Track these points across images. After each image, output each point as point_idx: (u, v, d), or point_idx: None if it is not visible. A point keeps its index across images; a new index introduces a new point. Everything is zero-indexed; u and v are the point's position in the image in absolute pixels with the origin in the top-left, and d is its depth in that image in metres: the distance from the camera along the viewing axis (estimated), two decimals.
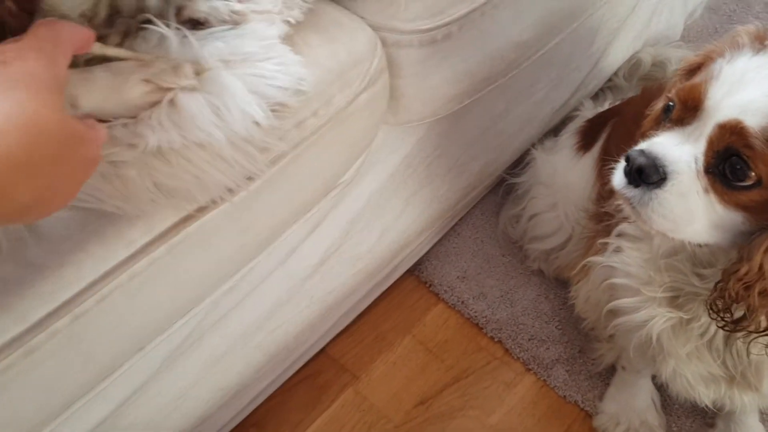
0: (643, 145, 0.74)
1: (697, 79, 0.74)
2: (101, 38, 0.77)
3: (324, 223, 1.04)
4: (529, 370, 1.26)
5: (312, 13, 0.86)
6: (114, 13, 0.76)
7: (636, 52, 1.53)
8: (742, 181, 0.69)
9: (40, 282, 0.63)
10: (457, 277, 1.39)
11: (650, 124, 0.84)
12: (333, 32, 0.86)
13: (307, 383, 1.28)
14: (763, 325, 0.73)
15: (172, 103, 0.68)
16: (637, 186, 0.73)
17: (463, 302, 1.35)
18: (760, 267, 0.69)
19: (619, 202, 0.80)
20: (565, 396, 1.22)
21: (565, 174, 1.25)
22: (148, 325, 0.76)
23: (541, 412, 1.21)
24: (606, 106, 1.35)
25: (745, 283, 0.71)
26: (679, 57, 1.45)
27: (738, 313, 0.74)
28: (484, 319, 1.33)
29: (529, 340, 1.29)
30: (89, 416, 0.79)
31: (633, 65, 1.50)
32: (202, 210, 0.72)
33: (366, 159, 1.01)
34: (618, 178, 0.77)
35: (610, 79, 1.53)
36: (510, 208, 1.42)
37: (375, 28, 0.91)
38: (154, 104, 0.69)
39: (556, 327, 1.30)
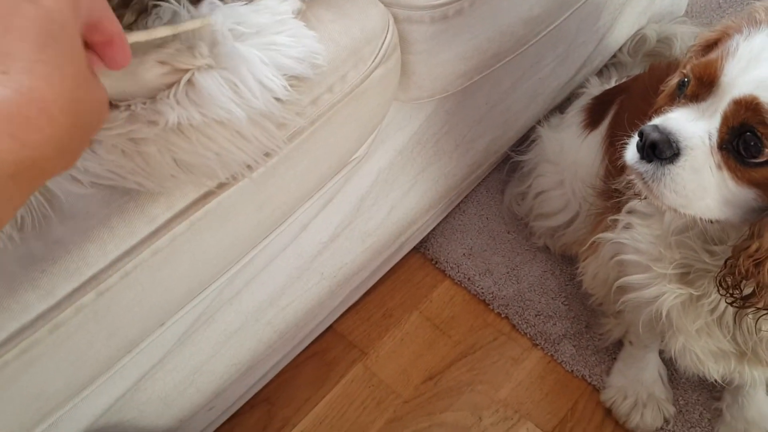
0: (656, 121, 0.74)
1: (713, 55, 0.74)
2: (118, 17, 0.77)
3: (335, 199, 1.05)
4: (536, 345, 1.28)
5: None
6: None
7: (641, 28, 1.53)
8: (755, 157, 0.69)
9: (65, 259, 0.63)
10: (463, 254, 1.40)
11: (664, 100, 0.84)
12: (345, 8, 0.86)
13: (316, 359, 1.29)
14: None
15: (189, 82, 0.68)
16: (650, 161, 0.74)
17: (469, 279, 1.37)
18: None
19: (631, 177, 0.80)
20: (572, 371, 1.24)
21: (571, 151, 1.25)
22: (169, 301, 0.77)
23: (548, 387, 1.23)
24: (612, 83, 1.34)
25: (755, 259, 0.71)
26: (684, 33, 1.45)
27: (747, 290, 0.75)
28: (491, 295, 1.34)
29: (536, 315, 1.30)
30: (110, 391, 0.81)
31: (638, 41, 1.50)
32: (221, 186, 0.73)
33: (376, 136, 1.01)
34: (631, 153, 0.77)
35: (614, 56, 1.53)
36: (515, 185, 1.43)
37: (386, 4, 0.91)
38: (172, 85, 0.69)
39: (562, 303, 1.31)
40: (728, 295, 0.76)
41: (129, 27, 0.76)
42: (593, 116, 1.24)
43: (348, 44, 0.82)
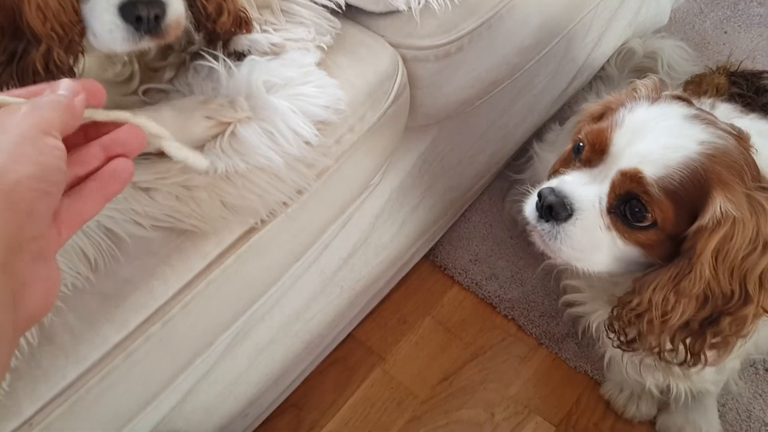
0: (553, 183, 0.85)
1: (603, 124, 0.84)
2: (156, 70, 0.87)
3: (352, 219, 1.14)
4: (542, 344, 1.38)
5: (338, 36, 0.96)
6: (166, 48, 0.86)
7: (626, 41, 1.63)
8: (640, 222, 0.79)
9: (135, 294, 0.73)
10: (470, 260, 1.50)
11: (560, 164, 0.94)
12: (359, 53, 0.96)
13: (339, 365, 1.39)
14: (652, 345, 0.83)
15: (232, 134, 0.78)
16: (547, 221, 0.84)
17: (476, 283, 1.47)
18: (649, 301, 0.79)
19: (531, 231, 0.89)
20: (575, 367, 1.34)
21: None
22: (219, 323, 0.87)
23: (554, 382, 1.33)
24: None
25: (636, 312, 0.82)
26: (668, 47, 1.55)
27: (631, 335, 0.86)
28: (497, 298, 1.44)
29: (540, 316, 1.40)
30: (165, 405, 0.90)
31: (625, 54, 1.60)
32: (262, 222, 0.82)
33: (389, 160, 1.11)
34: (530, 210, 0.87)
35: (603, 69, 1.63)
36: (515, 197, 1.52)
37: (394, 46, 1.01)
38: (216, 136, 0.79)
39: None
40: (616, 338, 0.87)
41: (170, 81, 0.86)
42: None
43: (364, 87, 0.92)
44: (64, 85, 0.48)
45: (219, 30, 0.82)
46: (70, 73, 0.70)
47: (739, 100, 1.30)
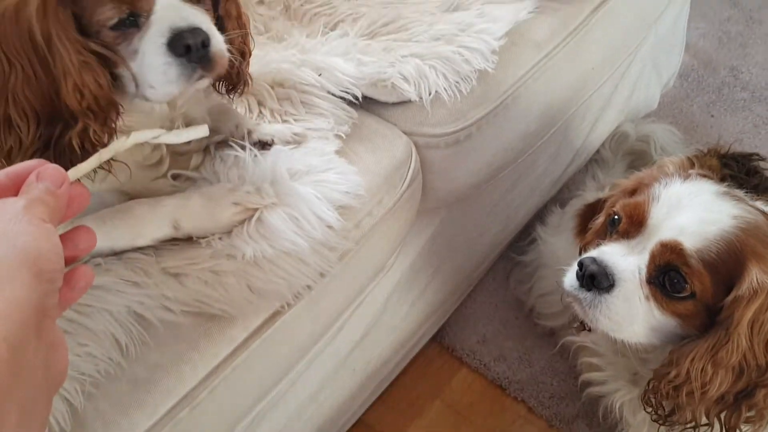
0: (593, 253, 0.88)
1: (639, 198, 0.89)
2: (181, 154, 0.90)
3: (365, 301, 1.16)
4: (552, 426, 1.37)
5: (355, 126, 1.00)
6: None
7: (620, 125, 1.70)
8: (679, 292, 0.83)
9: (165, 380, 0.74)
10: (477, 341, 1.51)
11: (592, 236, 0.98)
12: (375, 141, 1.00)
13: None
14: (689, 419, 0.84)
15: (259, 219, 0.81)
16: (589, 290, 0.86)
17: (485, 365, 1.47)
18: (687, 372, 0.81)
19: (569, 301, 0.92)
20: None
21: (565, 260, 1.36)
22: (241, 408, 0.88)
23: None
24: (606, 191, 1.46)
25: (674, 384, 0.84)
26: (659, 131, 1.62)
27: (669, 408, 0.87)
28: (506, 380, 1.44)
29: (550, 397, 1.40)
30: None
31: (618, 138, 1.66)
32: (287, 306, 0.84)
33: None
34: (570, 280, 0.89)
35: (598, 152, 1.69)
36: (519, 278, 1.54)
37: (407, 134, 1.05)
38: (243, 222, 0.82)
39: (573, 384, 1.41)
40: (653, 412, 0.88)
41: (197, 169, 0.89)
42: (585, 224, 1.36)
43: (381, 173, 0.96)
44: (50, 173, 0.51)
45: (239, 73, 0.86)
46: None
47: (731, 181, 1.36)
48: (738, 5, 2.27)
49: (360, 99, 1.02)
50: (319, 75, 1.01)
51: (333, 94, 1.00)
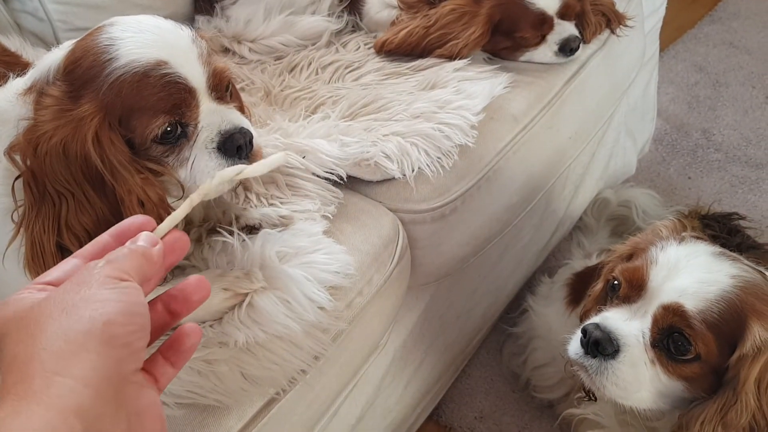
0: (596, 319, 0.88)
1: (637, 262, 0.90)
2: None
3: (360, 382, 1.14)
4: None
5: (341, 205, 1.01)
6: (187, 224, 0.90)
7: (600, 192, 1.73)
8: (683, 355, 0.83)
9: None
10: (475, 417, 1.48)
11: (592, 303, 0.98)
12: (362, 219, 1.01)
13: None
14: None
15: (250, 304, 0.80)
16: (594, 356, 0.86)
17: None
18: None
19: (575, 369, 0.91)
20: None
21: (559, 331, 1.33)
22: None
23: None
24: (594, 259, 1.46)
25: None
26: (638, 196, 1.65)
27: None
28: None
29: None
30: None
31: (600, 205, 1.68)
32: (282, 392, 0.82)
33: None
34: (574, 348, 0.89)
35: (580, 219, 1.71)
36: (512, 351, 1.53)
37: (393, 210, 1.06)
38: (234, 307, 0.81)
39: None
40: None
41: (187, 258, 0.89)
42: (575, 294, 1.36)
43: (370, 251, 0.96)
44: (143, 237, 0.53)
45: None
46: None
47: (713, 241, 1.37)
48: (704, 70, 2.36)
49: (345, 179, 1.03)
50: (303, 157, 1.02)
51: (318, 176, 1.01)
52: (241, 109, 0.86)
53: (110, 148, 0.70)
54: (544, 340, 1.41)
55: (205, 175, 0.75)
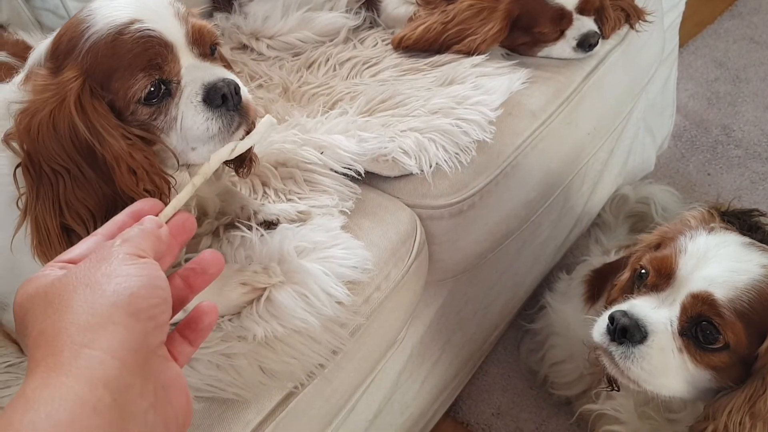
0: (624, 306, 0.87)
1: (666, 251, 0.89)
2: (194, 238, 0.90)
3: (377, 378, 1.14)
4: None
5: (359, 201, 1.01)
6: (202, 215, 0.91)
7: (618, 188, 1.71)
8: (712, 344, 0.82)
9: None
10: (492, 414, 1.47)
11: (618, 293, 0.97)
12: (380, 215, 1.01)
13: None
14: None
15: (268, 299, 0.81)
16: (621, 343, 0.85)
17: None
18: (725, 426, 0.79)
19: (599, 354, 0.90)
20: None
21: (577, 328, 1.33)
22: None
23: None
24: (612, 256, 1.45)
25: None
26: (657, 192, 1.63)
27: None
28: None
29: None
30: None
31: (618, 201, 1.67)
32: (300, 386, 0.83)
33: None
34: (600, 333, 0.88)
35: (599, 216, 1.70)
36: (530, 347, 1.52)
37: (411, 206, 1.06)
38: (252, 301, 0.81)
39: None
40: None
41: None
42: (593, 290, 1.35)
43: (388, 246, 0.96)
44: (148, 219, 0.54)
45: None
46: None
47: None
48: (723, 65, 2.34)
49: (362, 174, 1.03)
50: (321, 153, 1.03)
51: (336, 171, 1.01)
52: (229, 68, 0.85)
53: (93, 114, 0.69)
54: (562, 337, 1.40)
55: (196, 130, 0.73)
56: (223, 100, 0.73)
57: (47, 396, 0.41)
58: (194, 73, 0.74)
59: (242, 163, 0.87)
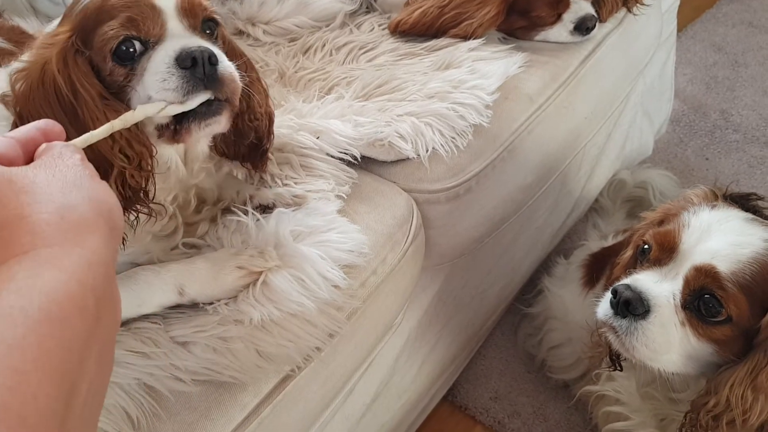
0: (627, 280, 0.87)
1: (670, 226, 0.89)
2: (192, 224, 0.91)
3: (375, 362, 1.14)
4: None
5: (355, 185, 1.01)
6: (200, 203, 0.91)
7: (616, 173, 1.71)
8: (714, 317, 0.82)
9: None
10: (490, 397, 1.48)
11: (620, 271, 0.97)
12: (376, 200, 1.01)
13: None
14: None
15: (264, 283, 0.81)
16: (624, 317, 0.85)
17: (499, 422, 1.44)
18: (727, 400, 0.80)
19: (604, 330, 0.91)
20: None
21: (576, 311, 1.34)
22: None
23: None
24: (610, 240, 1.46)
25: (713, 414, 0.82)
26: (655, 177, 1.63)
27: None
28: None
29: None
30: None
31: (616, 186, 1.67)
32: (297, 369, 0.83)
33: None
34: (604, 309, 0.88)
35: (596, 200, 1.70)
36: (528, 331, 1.53)
37: (407, 191, 1.06)
38: (248, 285, 0.81)
39: None
40: None
41: (202, 237, 0.90)
42: (591, 274, 1.36)
43: (384, 231, 0.97)
44: (57, 135, 0.53)
45: (258, 135, 0.88)
46: (145, 196, 0.75)
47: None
48: (722, 50, 2.33)
49: (359, 159, 1.03)
50: (317, 138, 1.03)
51: (332, 156, 1.01)
52: (258, 80, 0.86)
53: (74, 69, 0.70)
54: (560, 321, 1.41)
55: (154, 78, 0.72)
56: (193, 63, 0.72)
57: (40, 286, 0.40)
58: (177, 41, 0.74)
59: (257, 156, 0.89)
